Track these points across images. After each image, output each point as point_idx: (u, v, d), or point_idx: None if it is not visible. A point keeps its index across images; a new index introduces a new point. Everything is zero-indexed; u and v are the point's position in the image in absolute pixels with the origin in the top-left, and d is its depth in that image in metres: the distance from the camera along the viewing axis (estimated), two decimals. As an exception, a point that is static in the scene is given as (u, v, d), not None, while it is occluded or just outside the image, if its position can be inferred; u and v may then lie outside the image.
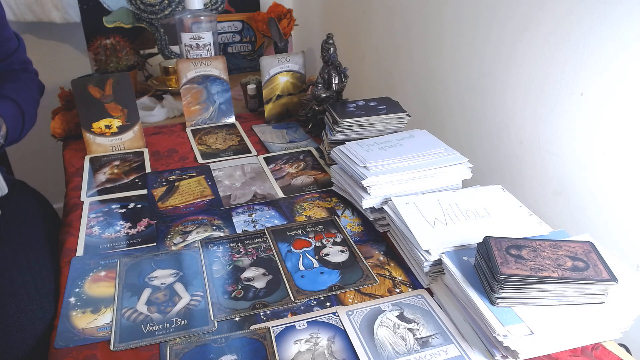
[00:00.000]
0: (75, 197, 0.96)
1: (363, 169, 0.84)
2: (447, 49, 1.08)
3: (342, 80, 1.14)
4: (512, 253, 0.63)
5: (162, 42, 1.56)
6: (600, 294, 0.60)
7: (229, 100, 1.28)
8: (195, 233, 0.84)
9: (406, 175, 0.84)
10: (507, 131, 0.96)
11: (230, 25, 1.63)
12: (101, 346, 0.63)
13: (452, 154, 0.88)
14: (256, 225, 0.87)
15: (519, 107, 0.92)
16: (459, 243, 0.71)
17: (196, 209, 0.92)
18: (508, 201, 0.81)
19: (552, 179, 0.87)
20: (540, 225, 0.75)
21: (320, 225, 0.87)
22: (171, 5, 1.52)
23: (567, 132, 0.83)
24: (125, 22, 1.51)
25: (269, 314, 0.68)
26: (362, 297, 0.71)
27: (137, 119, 1.14)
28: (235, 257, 0.79)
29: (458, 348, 0.61)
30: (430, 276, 0.72)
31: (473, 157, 0.90)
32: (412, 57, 1.22)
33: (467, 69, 1.03)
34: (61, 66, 1.61)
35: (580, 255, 0.63)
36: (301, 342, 0.63)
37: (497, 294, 0.60)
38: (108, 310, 0.68)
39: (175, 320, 0.66)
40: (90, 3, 1.46)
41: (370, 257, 0.79)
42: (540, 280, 0.59)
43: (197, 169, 1.06)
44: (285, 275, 0.74)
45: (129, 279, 0.74)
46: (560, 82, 0.82)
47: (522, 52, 0.88)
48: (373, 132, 0.99)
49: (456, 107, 1.10)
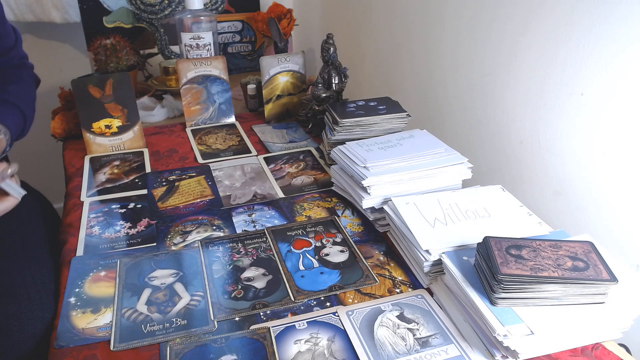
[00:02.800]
0: (75, 197, 0.96)
1: (363, 169, 0.84)
2: (448, 49, 1.08)
3: (342, 80, 1.14)
4: (512, 253, 0.63)
5: (162, 42, 1.56)
6: (600, 294, 0.60)
7: (229, 100, 1.28)
8: (195, 233, 0.84)
9: (406, 175, 0.84)
10: (507, 131, 0.96)
11: (230, 25, 1.63)
12: (101, 346, 0.63)
13: (452, 154, 0.88)
14: (256, 225, 0.87)
15: (519, 107, 0.92)
16: (459, 243, 0.71)
17: (196, 209, 0.92)
18: (508, 201, 0.81)
19: (552, 179, 0.87)
20: (540, 225, 0.75)
21: (320, 225, 0.87)
22: (171, 5, 1.52)
23: (567, 132, 0.83)
24: (125, 22, 1.51)
25: (269, 314, 0.68)
26: (362, 297, 0.71)
27: (137, 119, 1.14)
28: (235, 257, 0.79)
29: (458, 348, 0.61)
30: (430, 276, 0.72)
31: (473, 157, 0.90)
32: (412, 57, 1.22)
33: (468, 69, 1.03)
34: (61, 66, 1.61)
35: (580, 255, 0.63)
36: (301, 342, 0.63)
37: (497, 294, 0.60)
38: (108, 310, 0.68)
39: (175, 320, 0.66)
40: (90, 3, 1.46)
41: (370, 257, 0.79)
42: (540, 280, 0.59)
43: (197, 169, 1.06)
44: (285, 275, 0.74)
45: (129, 279, 0.74)
46: (560, 82, 0.82)
47: (522, 52, 0.88)
48: (373, 132, 0.99)
49: (456, 107, 1.10)
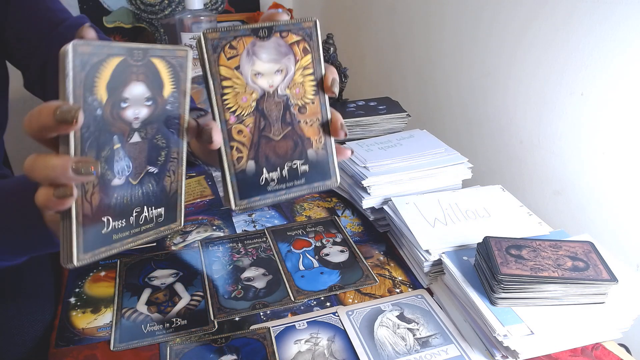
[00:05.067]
0: (75, 197, 0.95)
1: (363, 169, 0.84)
2: (448, 49, 1.08)
3: (342, 80, 1.14)
4: (512, 253, 0.63)
5: (162, 42, 1.57)
6: (600, 294, 0.60)
7: (229, 100, 1.27)
8: (195, 233, 0.84)
9: (406, 175, 0.84)
10: (507, 131, 0.96)
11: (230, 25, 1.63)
12: (101, 346, 0.63)
13: (452, 154, 0.88)
14: (256, 225, 0.87)
15: (519, 107, 0.92)
16: (459, 243, 0.71)
17: (196, 209, 0.92)
18: (508, 201, 0.81)
19: (552, 179, 0.87)
20: (540, 225, 0.75)
21: (320, 225, 0.87)
22: (171, 5, 1.52)
23: (567, 132, 0.83)
24: (125, 22, 1.51)
25: (269, 314, 0.68)
26: (362, 297, 0.71)
27: (137, 119, 1.14)
28: (235, 257, 0.79)
29: (458, 348, 0.61)
30: (430, 276, 0.72)
31: (473, 157, 0.90)
32: (412, 57, 1.22)
33: (468, 69, 1.03)
34: (61, 66, 1.61)
35: (580, 255, 0.63)
36: (301, 342, 0.63)
37: (497, 294, 0.60)
38: (108, 310, 0.68)
39: (175, 320, 0.66)
40: (90, 3, 1.46)
41: (370, 257, 0.79)
42: (540, 280, 0.59)
43: (197, 169, 1.06)
44: (285, 275, 0.74)
45: (129, 279, 0.74)
46: (560, 82, 0.82)
47: (523, 53, 0.88)
48: (373, 132, 0.99)
49: (456, 107, 1.10)
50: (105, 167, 0.39)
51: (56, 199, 0.35)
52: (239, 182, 0.45)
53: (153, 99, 0.42)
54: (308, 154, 0.48)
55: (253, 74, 0.45)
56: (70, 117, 0.33)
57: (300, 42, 0.46)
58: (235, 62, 0.44)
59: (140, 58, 0.40)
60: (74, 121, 0.34)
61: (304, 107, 0.47)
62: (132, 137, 0.41)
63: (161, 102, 0.42)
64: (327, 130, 0.48)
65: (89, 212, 0.38)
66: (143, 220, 0.43)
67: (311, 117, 0.47)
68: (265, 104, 0.46)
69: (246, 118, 0.45)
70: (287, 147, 0.47)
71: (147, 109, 0.41)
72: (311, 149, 0.48)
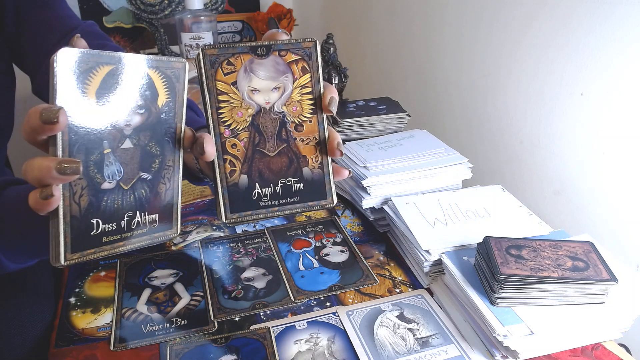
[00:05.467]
0: (75, 197, 0.96)
1: (363, 169, 0.84)
2: (448, 49, 1.09)
3: (342, 80, 1.14)
4: (512, 253, 0.63)
5: (162, 42, 1.56)
6: (600, 294, 0.60)
7: (229, 100, 1.27)
8: (195, 233, 0.84)
9: (406, 175, 0.84)
10: (507, 131, 0.96)
11: (230, 25, 1.63)
12: (101, 346, 0.63)
13: (452, 154, 0.88)
14: (256, 225, 0.87)
15: (520, 107, 0.92)
16: (459, 243, 0.71)
17: (196, 209, 0.92)
18: (508, 201, 0.81)
19: (552, 179, 0.87)
20: (540, 225, 0.75)
21: (320, 225, 0.87)
22: (171, 5, 1.52)
23: (567, 132, 0.83)
24: (125, 22, 1.51)
25: (269, 314, 0.68)
26: (362, 297, 0.71)
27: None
28: (235, 257, 0.79)
29: (458, 348, 0.61)
30: (430, 276, 0.72)
31: (473, 157, 0.90)
32: (412, 57, 1.22)
33: (468, 69, 1.03)
34: (61, 66, 1.61)
35: (580, 255, 0.63)
36: (301, 342, 0.63)
37: (497, 294, 0.60)
38: (108, 310, 0.68)
39: (175, 320, 0.66)
40: (90, 3, 1.46)
41: (370, 257, 0.79)
42: (540, 280, 0.59)
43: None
44: (285, 275, 0.74)
45: (129, 279, 0.74)
46: (560, 82, 0.82)
47: (523, 53, 0.88)
48: (373, 132, 0.99)
49: (456, 107, 1.10)
50: (95, 171, 0.40)
51: (41, 200, 0.36)
52: (231, 196, 0.46)
53: (146, 107, 0.42)
54: (303, 172, 0.48)
55: (250, 90, 0.46)
56: (54, 118, 0.35)
57: (299, 61, 0.46)
58: (232, 77, 0.45)
59: (131, 68, 0.41)
60: (56, 122, 0.35)
61: (300, 124, 0.47)
62: (123, 143, 0.41)
63: (155, 111, 0.43)
64: (324, 149, 0.48)
65: (77, 213, 0.39)
66: (135, 225, 0.43)
67: (308, 136, 0.48)
68: (260, 119, 0.46)
69: (241, 132, 0.46)
70: (282, 164, 0.47)
71: (139, 117, 0.42)
72: (307, 167, 0.48)
